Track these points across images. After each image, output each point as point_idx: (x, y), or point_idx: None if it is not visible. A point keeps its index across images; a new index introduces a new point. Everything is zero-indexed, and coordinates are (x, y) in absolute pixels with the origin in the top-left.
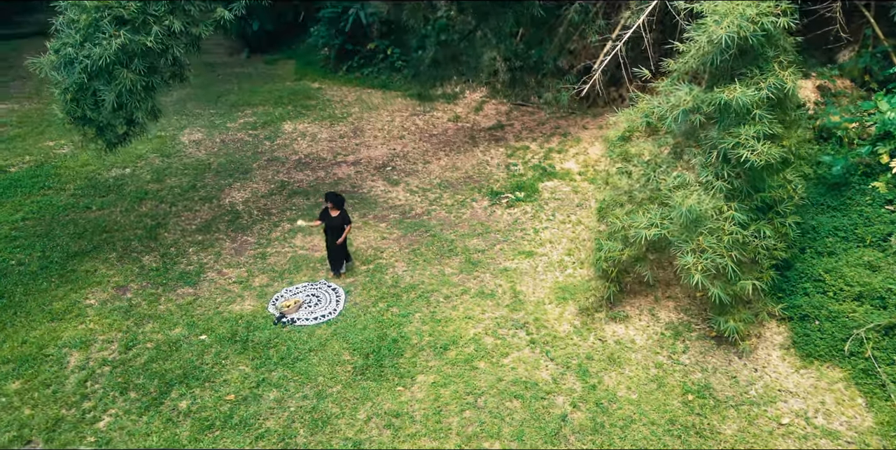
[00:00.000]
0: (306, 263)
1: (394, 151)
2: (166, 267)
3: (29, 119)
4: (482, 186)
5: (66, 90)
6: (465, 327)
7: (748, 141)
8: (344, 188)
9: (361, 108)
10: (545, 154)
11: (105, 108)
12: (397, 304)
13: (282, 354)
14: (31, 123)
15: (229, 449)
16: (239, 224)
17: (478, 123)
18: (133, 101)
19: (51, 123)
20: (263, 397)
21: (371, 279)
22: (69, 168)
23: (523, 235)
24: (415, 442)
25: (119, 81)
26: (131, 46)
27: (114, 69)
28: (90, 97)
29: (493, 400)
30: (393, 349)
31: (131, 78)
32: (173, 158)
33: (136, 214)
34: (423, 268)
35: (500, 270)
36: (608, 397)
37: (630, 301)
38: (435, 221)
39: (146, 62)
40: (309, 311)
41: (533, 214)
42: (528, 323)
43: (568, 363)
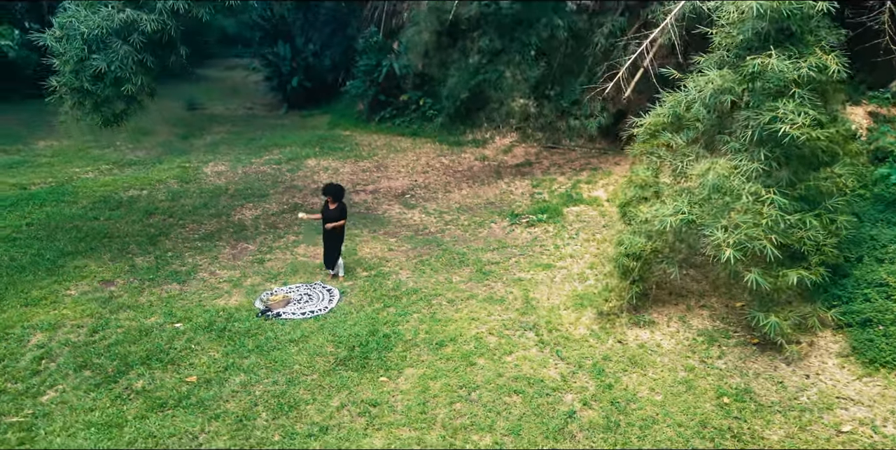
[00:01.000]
0: (304, 268)
1: (415, 182)
2: (158, 267)
3: (63, 153)
4: (503, 210)
5: (66, 62)
6: (467, 327)
7: (786, 115)
8: (358, 211)
9: (388, 150)
10: (573, 184)
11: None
12: (395, 305)
13: (258, 343)
14: (64, 155)
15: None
16: (243, 235)
17: (505, 161)
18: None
19: (81, 155)
20: (229, 381)
21: (371, 283)
22: (87, 187)
23: (542, 251)
24: (391, 431)
25: (114, 52)
26: (132, 20)
27: (111, 41)
28: (89, 69)
29: (489, 394)
30: (383, 343)
31: (125, 49)
32: (192, 183)
33: (141, 224)
34: (429, 275)
35: (513, 279)
36: (626, 397)
37: (657, 309)
38: (448, 237)
39: (144, 38)
40: (297, 306)
41: (555, 233)
42: (539, 325)
43: (581, 363)
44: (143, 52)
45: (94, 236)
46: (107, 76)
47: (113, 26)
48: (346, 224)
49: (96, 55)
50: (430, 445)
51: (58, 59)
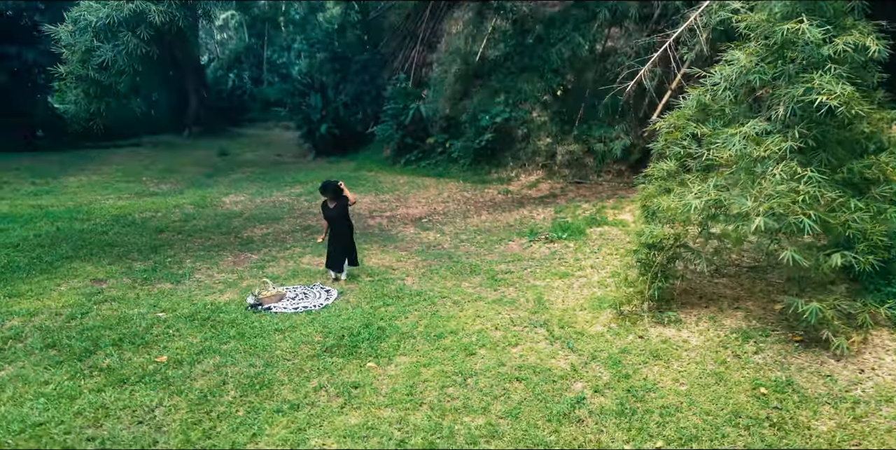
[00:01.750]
0: (305, 273)
1: (433, 210)
2: (155, 269)
3: (90, 185)
4: (522, 230)
5: (74, 52)
6: (471, 323)
7: (822, 87)
8: (370, 231)
9: (410, 187)
10: (598, 210)
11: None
12: (396, 304)
13: (241, 330)
14: (89, 187)
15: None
16: (248, 247)
17: (529, 194)
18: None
19: (106, 186)
20: (202, 362)
21: (373, 286)
22: (103, 209)
23: (561, 263)
24: (371, 410)
25: (121, 42)
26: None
27: (119, 31)
28: (97, 59)
29: (487, 380)
30: (376, 334)
31: (134, 42)
32: (208, 208)
33: (148, 237)
34: (437, 281)
35: (527, 286)
36: (645, 387)
37: (685, 311)
38: (462, 252)
39: (151, 30)
40: (290, 302)
41: (575, 249)
42: (550, 322)
43: (595, 355)
44: (150, 44)
45: (97, 245)
46: (112, 67)
47: (121, 16)
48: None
49: (104, 45)
50: (414, 425)
51: (67, 50)
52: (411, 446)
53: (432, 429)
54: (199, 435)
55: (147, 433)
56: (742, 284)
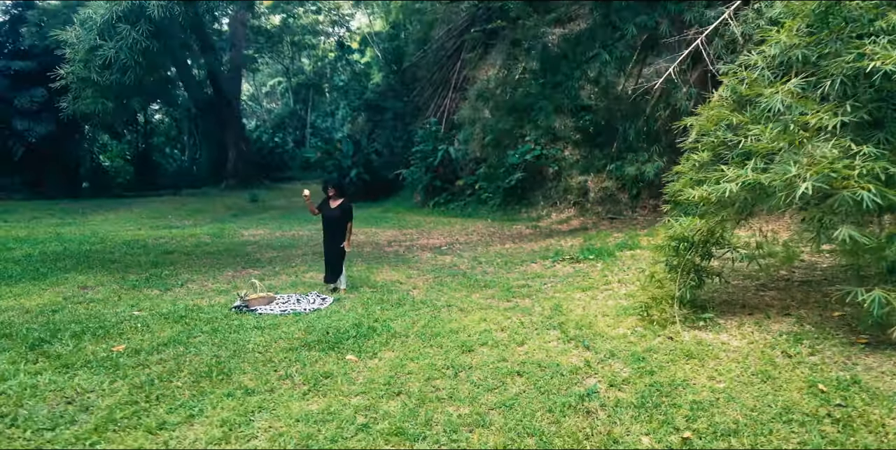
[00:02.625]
0: (305, 285)
1: (455, 240)
2: (148, 280)
3: (116, 220)
4: (546, 255)
5: (77, 51)
6: (475, 325)
7: (875, 52)
8: (386, 256)
9: (435, 224)
10: (630, 237)
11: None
12: (395, 309)
13: (216, 327)
14: (114, 221)
15: None
16: (252, 264)
17: (559, 228)
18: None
19: (129, 221)
20: (163, 352)
21: (375, 295)
22: (117, 235)
23: (585, 279)
24: (337, 398)
25: (121, 37)
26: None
27: (119, 28)
28: (99, 59)
29: (482, 373)
30: (364, 333)
31: (133, 37)
32: (223, 238)
33: (153, 257)
34: (445, 293)
35: (545, 297)
36: (672, 383)
37: (725, 318)
38: (478, 272)
39: (151, 25)
40: (280, 306)
41: (603, 268)
42: (566, 324)
43: (615, 353)
44: (150, 38)
45: (98, 261)
46: (114, 65)
47: (121, 11)
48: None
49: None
50: (385, 412)
51: (70, 50)
52: (376, 431)
53: (405, 416)
54: (126, 414)
55: (69, 412)
56: (793, 296)
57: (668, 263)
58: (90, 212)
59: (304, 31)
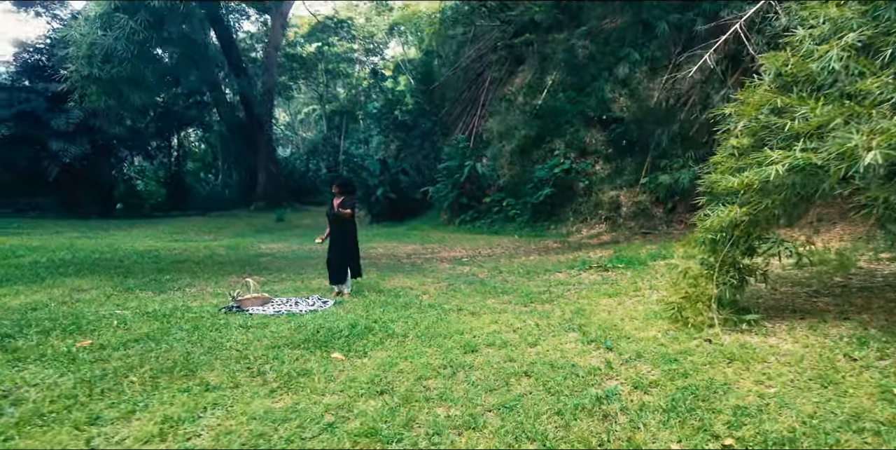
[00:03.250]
0: (308, 289)
1: (478, 253)
2: (146, 284)
3: (137, 235)
4: (573, 265)
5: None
6: (484, 327)
7: None
8: (402, 266)
9: (459, 240)
10: (663, 247)
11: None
12: (399, 311)
13: (198, 324)
14: (135, 236)
15: None
16: (259, 272)
17: (588, 243)
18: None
19: (149, 235)
20: (131, 348)
21: (381, 298)
22: (130, 246)
23: (612, 286)
24: (308, 395)
25: (120, 28)
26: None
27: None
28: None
29: (482, 374)
30: (358, 333)
31: (132, 26)
32: (239, 251)
33: (162, 265)
34: (457, 298)
35: (566, 302)
36: (710, 387)
37: (774, 322)
38: (498, 281)
39: (149, 15)
40: (275, 308)
41: (634, 275)
42: (587, 326)
43: (642, 354)
44: (149, 29)
45: (103, 268)
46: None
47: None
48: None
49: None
50: (359, 411)
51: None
52: (344, 431)
53: (382, 416)
54: (57, 408)
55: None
56: (852, 302)
57: (704, 260)
58: (114, 228)
59: (339, 59)
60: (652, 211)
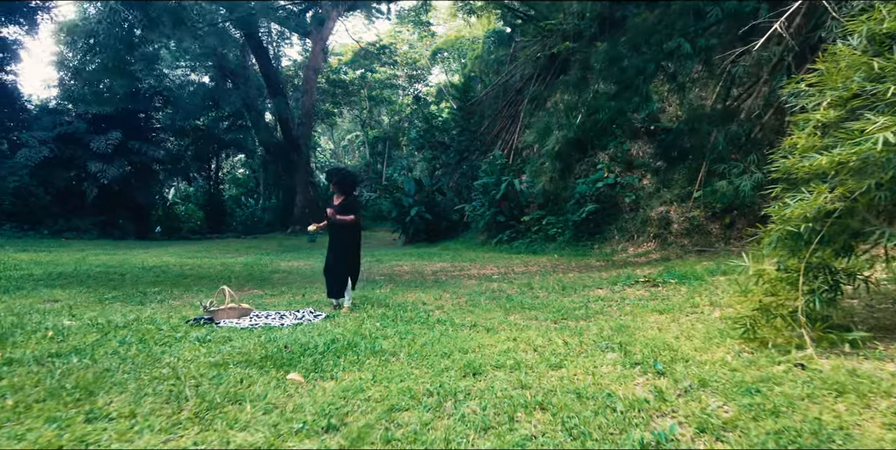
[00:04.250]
0: (304, 303)
1: (511, 271)
2: (127, 296)
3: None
4: (616, 281)
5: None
6: (498, 344)
7: None
8: (423, 282)
9: (494, 259)
10: (723, 261)
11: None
12: (398, 326)
13: (146, 337)
14: (156, 254)
15: None
16: (261, 286)
17: (635, 261)
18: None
19: (172, 253)
20: (47, 363)
21: (384, 312)
22: (142, 261)
23: (663, 302)
24: (217, 431)
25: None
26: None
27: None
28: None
29: (481, 404)
30: (336, 350)
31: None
32: (256, 267)
33: (162, 278)
34: (475, 313)
35: (606, 319)
36: (818, 432)
37: (885, 343)
38: (528, 296)
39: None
40: (252, 321)
41: (689, 291)
42: (630, 344)
43: (707, 381)
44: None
45: (95, 279)
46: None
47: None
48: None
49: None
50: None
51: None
52: None
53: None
54: None
55: None
56: None
57: (781, 262)
58: (142, 247)
59: (382, 86)
60: (707, 227)
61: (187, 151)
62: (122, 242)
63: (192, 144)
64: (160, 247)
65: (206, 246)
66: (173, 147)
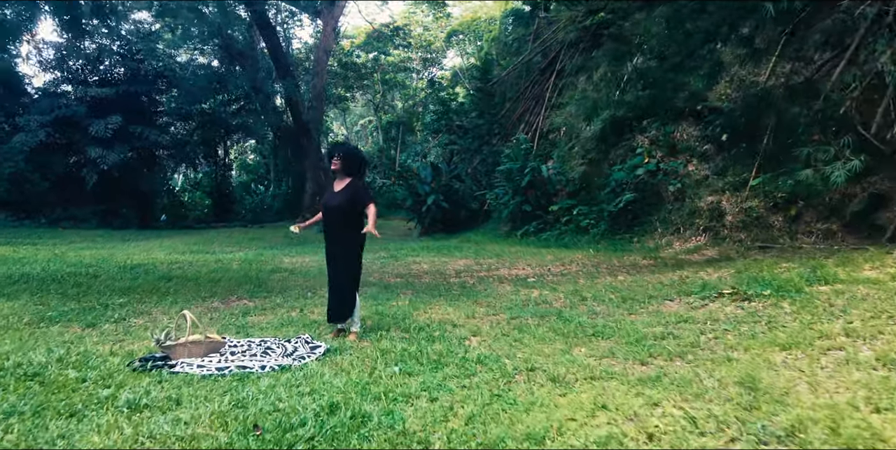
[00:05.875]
0: (300, 322)
1: (547, 271)
2: (83, 310)
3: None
4: (686, 290)
5: None
6: (582, 416)
7: None
8: (448, 288)
9: (521, 254)
10: (814, 268)
11: None
12: (424, 373)
13: (64, 396)
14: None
15: None
16: (255, 292)
17: (688, 259)
18: None
19: (165, 247)
20: None
21: (402, 345)
22: (127, 258)
23: (773, 327)
24: None
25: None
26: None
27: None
28: None
29: None
30: (332, 431)
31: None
32: (255, 265)
33: (139, 282)
34: (523, 344)
35: (712, 358)
36: None
37: None
38: (583, 311)
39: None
40: (221, 362)
41: (797, 308)
42: (797, 427)
43: None
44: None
45: (59, 283)
46: None
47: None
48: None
49: None
50: None
51: None
52: None
53: None
54: None
55: None
56: None
57: None
58: (140, 239)
59: (395, 69)
60: (767, 219)
61: (193, 136)
62: (121, 232)
63: (198, 129)
64: (158, 238)
65: (207, 237)
66: (178, 132)
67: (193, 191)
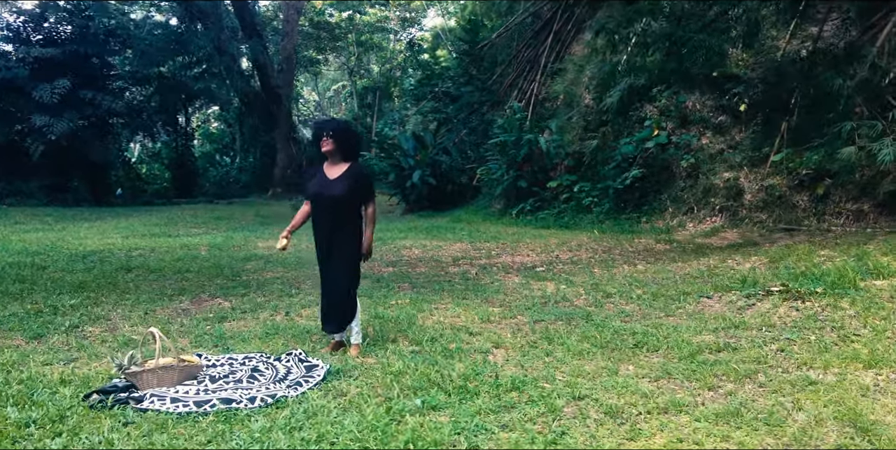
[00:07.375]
0: (289, 331)
1: (556, 258)
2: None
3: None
4: (720, 282)
5: None
6: None
7: None
8: (450, 280)
9: (521, 236)
10: (858, 256)
11: None
12: (454, 407)
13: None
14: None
15: None
16: (230, 291)
17: (709, 243)
18: None
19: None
20: None
21: (416, 363)
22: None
23: (845, 337)
24: None
25: None
26: None
27: None
28: None
29: None
30: None
31: None
32: (226, 251)
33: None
34: (558, 359)
35: (787, 380)
36: None
37: None
38: (613, 312)
39: None
40: (200, 394)
41: (861, 309)
42: None
43: None
44: None
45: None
46: None
47: None
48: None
49: None
50: None
51: None
52: None
53: None
54: None
55: None
56: None
57: None
58: (89, 219)
59: (371, 30)
60: (791, 199)
61: (150, 102)
62: (73, 210)
63: (156, 94)
64: (115, 217)
65: (170, 215)
66: (134, 97)
67: (152, 163)
